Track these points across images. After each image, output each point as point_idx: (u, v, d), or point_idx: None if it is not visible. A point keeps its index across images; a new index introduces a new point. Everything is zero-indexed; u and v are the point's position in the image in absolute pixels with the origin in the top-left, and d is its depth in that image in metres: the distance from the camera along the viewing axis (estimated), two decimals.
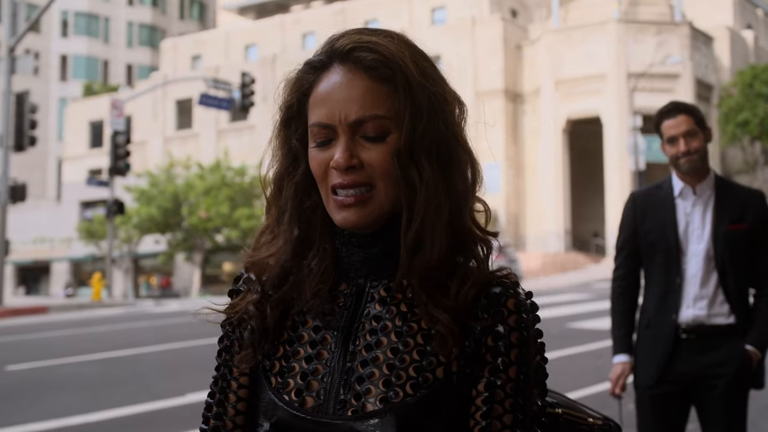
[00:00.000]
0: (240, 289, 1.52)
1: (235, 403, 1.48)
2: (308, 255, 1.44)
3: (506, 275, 1.41)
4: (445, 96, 1.40)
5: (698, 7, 57.27)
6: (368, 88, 1.35)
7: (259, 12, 73.60)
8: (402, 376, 1.33)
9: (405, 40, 1.41)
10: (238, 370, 1.48)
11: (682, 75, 46.23)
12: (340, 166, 1.34)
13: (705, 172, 3.95)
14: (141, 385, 10.85)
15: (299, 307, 1.43)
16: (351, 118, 1.35)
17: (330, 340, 1.40)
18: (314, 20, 62.05)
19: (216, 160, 49.00)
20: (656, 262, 3.98)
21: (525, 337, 1.36)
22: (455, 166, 1.39)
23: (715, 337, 3.85)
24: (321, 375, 1.38)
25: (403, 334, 1.36)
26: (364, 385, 1.34)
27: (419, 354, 1.34)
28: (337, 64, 1.38)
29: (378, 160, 1.35)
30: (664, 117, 3.97)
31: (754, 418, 5.46)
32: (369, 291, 1.42)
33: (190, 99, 57.77)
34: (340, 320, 1.41)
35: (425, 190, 1.35)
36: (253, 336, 1.44)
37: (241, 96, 31.99)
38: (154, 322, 22.31)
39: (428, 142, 1.36)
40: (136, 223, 48.00)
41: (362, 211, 1.36)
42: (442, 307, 1.34)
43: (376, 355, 1.36)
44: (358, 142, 1.36)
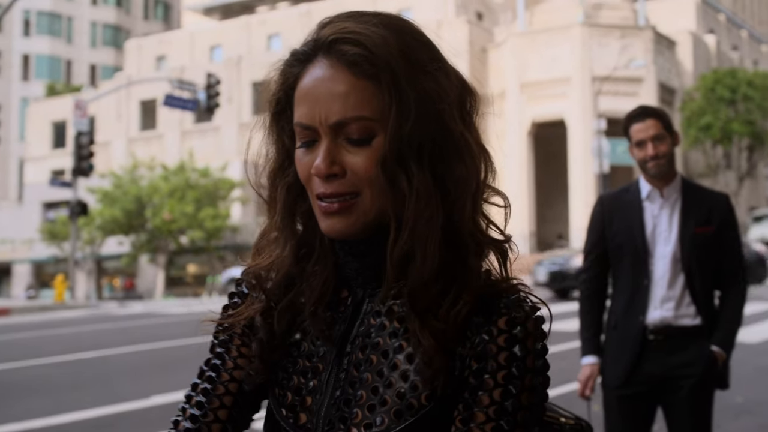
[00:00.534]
0: (242, 290, 1.44)
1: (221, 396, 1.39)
2: (310, 260, 1.36)
3: (510, 287, 1.29)
4: (439, 91, 1.26)
5: (661, 12, 57.78)
6: (351, 85, 1.23)
7: (224, 13, 73.27)
8: (387, 401, 1.24)
9: (398, 27, 1.28)
10: (231, 363, 1.39)
11: (646, 79, 46.61)
12: (320, 174, 1.24)
13: (672, 176, 4.00)
14: (105, 388, 10.78)
15: (303, 315, 1.35)
16: (332, 119, 1.23)
17: (326, 353, 1.33)
18: (280, 22, 61.91)
19: (180, 161, 48.71)
20: (624, 264, 4.02)
21: (517, 357, 1.24)
22: (453, 167, 1.27)
23: (682, 338, 3.90)
24: (315, 391, 1.31)
25: (390, 354, 1.27)
26: (352, 408, 1.26)
27: (403, 377, 1.25)
28: (321, 56, 1.27)
29: (362, 167, 1.24)
30: (632, 121, 4.01)
31: (717, 418, 5.51)
32: (368, 302, 1.33)
33: (155, 100, 57.37)
34: (336, 332, 1.32)
35: (415, 199, 1.24)
36: (262, 348, 1.35)
37: (206, 97, 31.86)
38: (117, 324, 22.14)
39: (417, 144, 1.24)
40: (99, 225, 47.59)
41: (347, 219, 1.26)
42: (430, 329, 1.24)
43: (366, 375, 1.27)
44: (341, 145, 1.25)
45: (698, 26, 60.58)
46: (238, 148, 56.17)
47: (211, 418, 1.37)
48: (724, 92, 49.48)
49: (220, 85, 32.71)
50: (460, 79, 1.32)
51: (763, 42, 79.35)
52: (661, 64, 49.10)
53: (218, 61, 60.89)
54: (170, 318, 23.94)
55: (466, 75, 1.36)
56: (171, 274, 52.24)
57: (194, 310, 27.31)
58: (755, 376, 10.03)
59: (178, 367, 12.82)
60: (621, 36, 47.05)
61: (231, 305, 1.45)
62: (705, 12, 63.38)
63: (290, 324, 1.36)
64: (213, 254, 49.16)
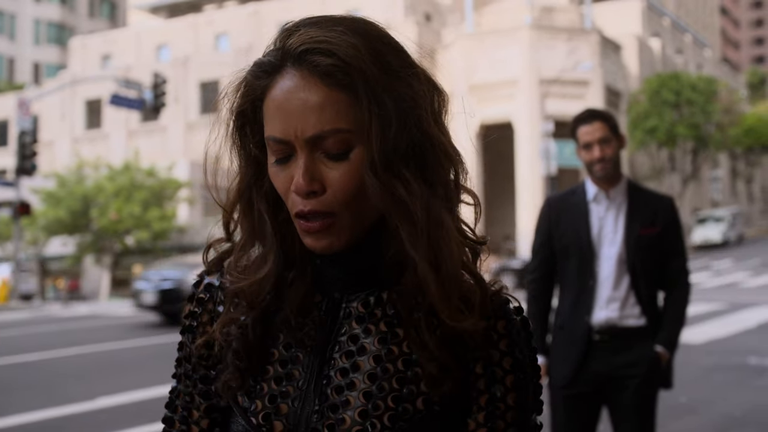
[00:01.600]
0: (201, 296, 1.37)
1: (198, 420, 1.35)
2: (289, 269, 1.31)
3: (498, 291, 1.29)
4: (414, 96, 1.23)
5: (607, 16, 58.49)
6: (326, 98, 1.18)
7: (171, 11, 72.67)
8: (380, 406, 1.21)
9: (366, 32, 1.25)
10: (201, 384, 1.34)
11: (593, 81, 47.07)
12: (300, 191, 1.19)
13: (618, 178, 4.04)
14: (51, 390, 10.63)
15: (277, 322, 1.30)
16: (308, 133, 1.18)
17: (302, 359, 1.27)
18: (227, 21, 61.55)
19: (126, 161, 48.21)
20: (570, 265, 4.05)
21: (519, 361, 1.26)
22: (436, 172, 1.24)
23: (627, 338, 3.94)
24: (291, 398, 1.25)
25: (382, 359, 1.24)
26: (339, 414, 1.22)
27: (399, 382, 1.22)
28: (291, 67, 1.21)
29: (341, 183, 1.20)
30: (580, 123, 4.04)
31: (662, 417, 5.58)
32: (345, 306, 1.29)
33: (100, 99, 56.75)
34: (313, 338, 1.28)
35: (419, 203, 1.20)
36: (238, 358, 1.28)
37: (152, 96, 31.54)
38: (62, 326, 21.85)
39: (403, 150, 1.21)
40: (43, 225, 46.92)
41: (331, 237, 1.23)
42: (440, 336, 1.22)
43: (353, 380, 1.23)
44: (318, 160, 1.21)
45: (643, 30, 61.41)
46: (184, 148, 55.74)
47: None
48: (668, 95, 50.20)
49: (166, 84, 32.42)
50: (430, 81, 1.30)
51: (707, 46, 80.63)
52: (608, 67, 49.63)
53: (165, 61, 60.36)
54: (115, 320, 23.68)
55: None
56: (116, 275, 51.62)
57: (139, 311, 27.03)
58: (699, 376, 10.18)
59: (124, 368, 12.70)
60: (568, 39, 47.47)
61: (191, 314, 1.39)
62: (650, 16, 64.25)
63: (265, 331, 1.30)
64: (159, 255, 48.73)
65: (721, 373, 10.51)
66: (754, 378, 10.18)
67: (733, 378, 10.20)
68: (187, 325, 1.38)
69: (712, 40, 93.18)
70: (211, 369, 1.34)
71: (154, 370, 11.78)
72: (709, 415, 8.12)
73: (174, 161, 48.40)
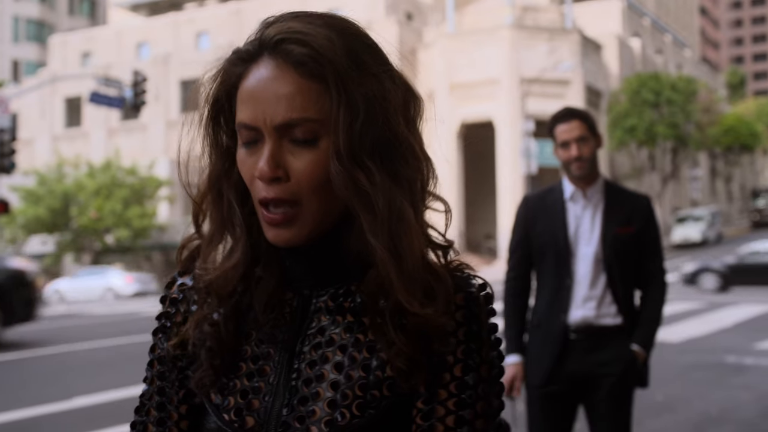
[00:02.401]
0: (174, 296, 1.38)
1: (178, 422, 1.34)
2: (255, 263, 1.32)
3: (458, 267, 1.31)
4: (385, 94, 1.25)
5: (588, 16, 58.65)
6: (297, 86, 1.21)
7: (151, 10, 72.38)
8: (348, 395, 1.22)
9: (344, 28, 1.28)
10: (178, 384, 1.34)
11: (573, 81, 47.20)
12: (264, 177, 1.21)
13: (595, 177, 4.04)
14: (26, 390, 10.56)
15: (248, 319, 1.31)
16: (277, 120, 1.21)
17: (273, 354, 1.28)
18: (208, 20, 61.35)
19: (107, 159, 48.00)
20: (547, 263, 4.05)
21: (474, 332, 1.26)
22: (400, 169, 1.26)
23: (603, 337, 3.94)
24: (263, 393, 1.26)
25: (348, 348, 1.25)
26: (309, 405, 1.23)
27: (365, 370, 1.23)
28: (266, 56, 1.24)
29: (306, 171, 1.22)
30: (557, 122, 4.05)
31: (639, 416, 5.60)
32: (315, 301, 1.30)
33: (80, 97, 56.46)
34: (284, 333, 1.29)
35: (381, 194, 1.22)
36: (211, 355, 1.29)
37: (132, 95, 31.40)
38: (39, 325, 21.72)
39: (369, 143, 1.22)
40: (22, 224, 46.66)
41: (292, 230, 1.24)
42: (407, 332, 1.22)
43: (321, 372, 1.24)
44: (285, 148, 1.22)
45: (624, 30, 61.63)
46: (165, 147, 55.53)
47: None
48: (648, 95, 50.39)
49: (146, 82, 32.27)
50: (405, 83, 1.31)
51: (686, 46, 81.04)
52: (588, 67, 49.79)
53: (145, 59, 60.09)
54: (94, 318, 23.57)
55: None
56: None
57: (118, 310, 26.95)
58: (676, 375, 10.23)
59: (100, 368, 12.64)
60: (549, 38, 47.58)
61: (164, 315, 1.39)
62: (630, 16, 64.50)
63: (237, 328, 1.31)
64: (140, 254, 48.54)
65: (698, 372, 10.57)
66: (731, 376, 10.23)
67: (710, 376, 10.25)
68: (160, 326, 1.38)
69: (692, 41, 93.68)
70: (186, 369, 1.34)
71: (131, 370, 11.70)
72: (686, 413, 8.16)
73: (154, 159, 48.24)
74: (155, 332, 1.39)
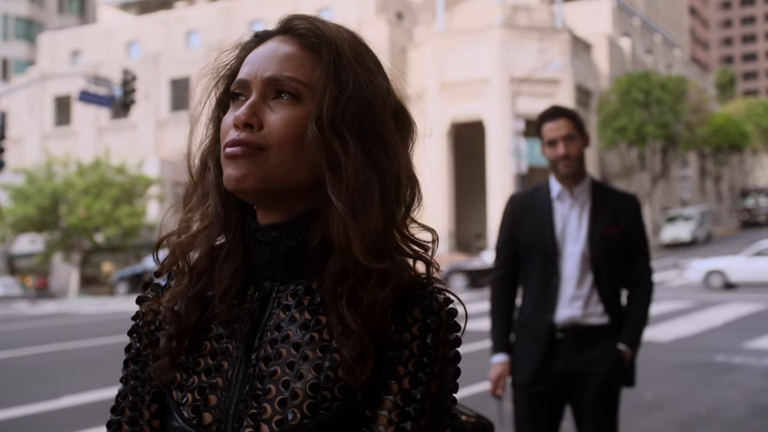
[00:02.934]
0: (148, 296, 1.39)
1: (149, 420, 1.35)
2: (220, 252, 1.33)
3: (424, 280, 1.30)
4: (375, 85, 1.30)
5: (578, 15, 58.75)
6: (294, 53, 1.29)
7: (141, 8, 72.24)
8: (298, 394, 1.21)
9: (353, 33, 1.35)
10: (150, 384, 1.34)
11: (563, 81, 47.29)
12: (238, 121, 1.25)
13: (582, 176, 4.04)
14: (14, 389, 10.52)
15: (209, 311, 1.31)
16: (265, 74, 1.27)
17: (232, 350, 1.28)
18: (198, 18, 61.25)
19: (96, 158, 47.87)
20: (534, 263, 4.04)
21: (429, 346, 1.24)
22: (379, 158, 1.27)
23: (590, 336, 3.94)
24: (220, 389, 1.26)
25: (301, 345, 1.24)
26: (261, 402, 1.22)
27: (316, 369, 1.22)
28: (277, 34, 1.34)
29: (280, 124, 1.25)
30: (545, 120, 4.04)
31: (626, 415, 5.60)
32: (275, 296, 1.30)
33: (69, 96, 56.35)
34: (243, 328, 1.29)
35: (352, 162, 1.24)
36: (170, 343, 1.30)
37: (122, 93, 31.33)
38: (28, 324, 21.67)
39: (350, 118, 1.26)
40: (11, 223, 46.51)
41: (248, 167, 1.24)
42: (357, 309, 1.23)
43: (275, 368, 1.24)
44: (266, 104, 1.27)
45: (614, 29, 61.74)
46: (155, 145, 55.43)
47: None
48: (638, 95, 50.47)
49: (136, 81, 32.21)
50: (399, 102, 1.36)
51: (676, 46, 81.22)
52: (578, 67, 49.88)
53: (135, 57, 59.99)
54: (83, 318, 23.52)
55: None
56: (86, 273, 51.30)
57: (108, 309, 26.90)
58: (665, 374, 10.24)
59: (89, 367, 12.60)
60: (539, 38, 47.65)
61: (138, 315, 1.40)
62: (620, 16, 64.60)
63: (198, 318, 1.31)
64: (129, 252, 48.43)
65: (687, 371, 10.58)
66: (720, 375, 10.25)
67: (699, 375, 10.27)
68: (134, 326, 1.40)
69: (682, 40, 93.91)
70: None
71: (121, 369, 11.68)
72: (674, 412, 8.16)
73: (143, 158, 48.13)
74: (130, 332, 1.40)
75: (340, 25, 1.35)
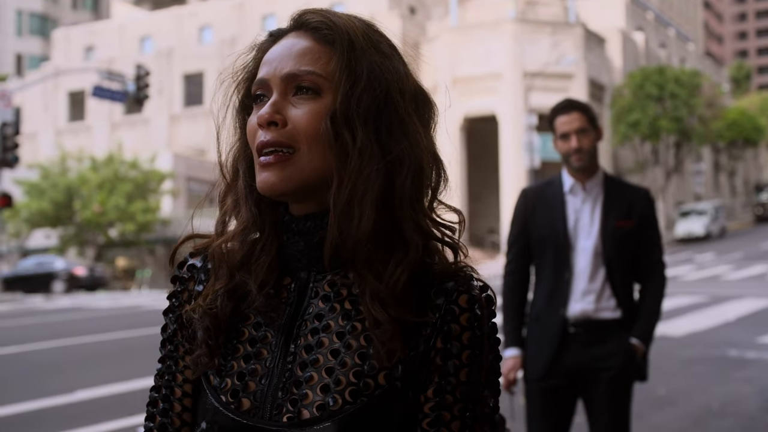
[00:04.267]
0: (184, 276, 1.42)
1: (181, 398, 1.38)
2: (257, 244, 1.36)
3: (461, 268, 1.33)
4: (391, 71, 1.33)
5: (591, 9, 58.52)
6: (310, 47, 1.32)
7: (154, 3, 72.42)
8: (341, 381, 1.24)
9: (365, 20, 1.39)
10: (183, 363, 1.38)
11: (576, 75, 47.14)
12: (262, 120, 1.28)
13: (594, 170, 4.03)
14: (29, 383, 10.57)
15: (247, 302, 1.33)
16: (284, 71, 1.30)
17: (270, 338, 1.31)
18: (211, 13, 61.31)
19: (109, 153, 47.98)
20: (546, 257, 4.04)
21: (478, 336, 1.28)
22: (396, 140, 1.30)
23: (602, 330, 3.93)
24: (259, 376, 1.28)
25: (345, 335, 1.27)
26: (302, 389, 1.25)
27: (360, 357, 1.25)
28: (290, 31, 1.37)
29: (304, 119, 1.28)
30: (557, 113, 4.04)
31: (639, 409, 5.60)
32: (313, 286, 1.33)
33: (83, 91, 56.49)
34: (281, 317, 1.31)
35: (357, 155, 1.27)
36: (208, 335, 1.32)
37: (135, 88, 31.42)
38: (43, 319, 21.75)
39: (364, 108, 1.28)
40: (25, 218, 46.66)
41: (282, 173, 1.27)
42: (377, 296, 1.25)
43: (317, 357, 1.26)
44: (288, 101, 1.30)
45: (627, 24, 61.51)
46: (168, 140, 55.53)
47: (177, 424, 1.38)
48: (652, 89, 50.27)
49: (149, 76, 32.29)
50: (417, 85, 1.39)
51: (690, 40, 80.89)
52: (591, 61, 49.71)
53: (148, 53, 60.12)
54: (98, 312, 23.59)
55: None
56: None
57: (122, 304, 26.97)
58: (678, 369, 10.22)
59: (104, 361, 12.65)
60: (552, 32, 47.51)
61: (173, 295, 1.43)
62: (634, 10, 64.38)
63: (234, 310, 1.34)
64: (143, 248, 48.53)
65: (700, 366, 10.56)
66: (733, 370, 10.22)
67: (712, 370, 10.25)
68: (169, 306, 1.42)
69: (695, 34, 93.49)
70: (191, 348, 1.37)
71: (134, 363, 11.73)
72: (687, 406, 8.15)
73: (156, 153, 48.20)
74: (165, 312, 1.43)
75: (353, 14, 1.38)
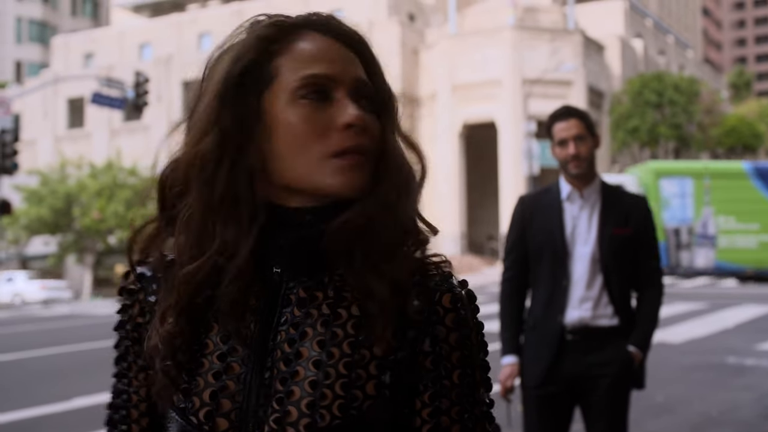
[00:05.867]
0: (131, 288, 1.30)
1: (138, 420, 1.30)
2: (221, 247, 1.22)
3: (440, 263, 1.27)
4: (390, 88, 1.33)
5: (590, 16, 58.60)
6: (351, 55, 1.26)
7: (154, 10, 72.39)
8: (327, 395, 1.15)
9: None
10: (137, 381, 1.29)
11: (575, 82, 47.18)
12: (360, 121, 1.20)
13: (592, 177, 4.03)
14: (26, 390, 10.56)
15: (210, 312, 1.22)
16: (353, 74, 1.24)
17: (241, 351, 1.20)
18: (211, 20, 61.31)
19: (109, 160, 48.00)
20: (544, 264, 4.03)
21: (465, 336, 1.23)
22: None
23: (600, 338, 3.93)
24: (233, 393, 1.18)
25: (326, 343, 1.18)
26: (284, 406, 1.15)
27: (346, 367, 1.17)
28: (314, 31, 1.26)
29: (375, 127, 1.24)
30: (555, 120, 4.03)
31: (637, 417, 5.59)
32: (285, 293, 1.22)
33: (82, 98, 56.49)
34: (252, 328, 1.20)
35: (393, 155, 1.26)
36: (167, 367, 1.21)
37: (135, 95, 31.41)
38: (42, 326, 21.74)
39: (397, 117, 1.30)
40: (24, 224, 46.68)
41: (364, 175, 1.21)
42: (384, 273, 1.19)
43: (296, 369, 1.17)
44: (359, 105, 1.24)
45: (626, 31, 61.57)
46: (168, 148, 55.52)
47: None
48: (650, 96, 50.33)
49: (149, 83, 32.28)
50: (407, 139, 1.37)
51: (689, 47, 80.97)
52: (590, 68, 49.76)
53: (148, 60, 60.14)
54: (96, 319, 23.58)
55: (398, 76, 1.40)
56: (99, 275, 51.45)
57: None
58: (677, 376, 10.21)
59: (101, 368, 12.59)
60: (551, 39, 47.56)
61: (123, 309, 1.32)
62: (633, 17, 64.45)
63: (195, 327, 1.22)
64: None
65: (699, 373, 10.55)
66: (732, 378, 10.21)
67: (711, 377, 10.23)
68: (120, 321, 1.32)
69: (694, 41, 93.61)
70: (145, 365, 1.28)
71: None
72: (686, 414, 8.14)
73: (156, 160, 48.19)
74: (116, 328, 1.32)
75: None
